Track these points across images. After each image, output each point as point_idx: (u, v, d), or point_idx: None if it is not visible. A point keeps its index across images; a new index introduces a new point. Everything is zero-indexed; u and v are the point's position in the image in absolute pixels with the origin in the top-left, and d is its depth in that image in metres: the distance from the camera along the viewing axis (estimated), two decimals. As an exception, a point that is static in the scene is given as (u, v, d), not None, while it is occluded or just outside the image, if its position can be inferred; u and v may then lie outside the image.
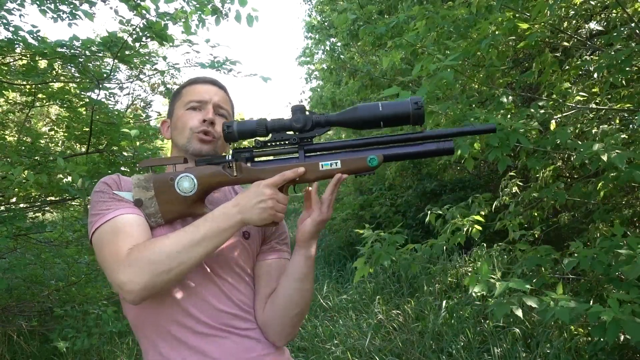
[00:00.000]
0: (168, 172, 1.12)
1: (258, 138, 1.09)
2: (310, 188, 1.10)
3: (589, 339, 2.83)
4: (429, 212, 3.21)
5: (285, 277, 1.15)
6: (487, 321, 3.38)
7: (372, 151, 1.07)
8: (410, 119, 1.03)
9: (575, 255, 2.19)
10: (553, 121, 2.76)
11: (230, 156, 1.10)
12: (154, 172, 1.13)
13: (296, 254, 1.13)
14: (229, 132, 1.07)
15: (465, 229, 2.78)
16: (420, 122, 1.04)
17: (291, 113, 1.07)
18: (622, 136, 2.43)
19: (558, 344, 2.89)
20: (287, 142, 1.09)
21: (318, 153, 1.09)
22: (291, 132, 1.08)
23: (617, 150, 1.98)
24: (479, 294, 1.99)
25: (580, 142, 2.28)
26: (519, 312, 1.87)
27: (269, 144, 1.10)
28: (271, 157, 1.11)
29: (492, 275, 1.96)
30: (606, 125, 2.77)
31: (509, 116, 2.44)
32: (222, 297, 1.12)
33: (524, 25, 2.41)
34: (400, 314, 3.91)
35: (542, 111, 2.51)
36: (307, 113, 1.07)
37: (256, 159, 1.11)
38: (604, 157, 1.94)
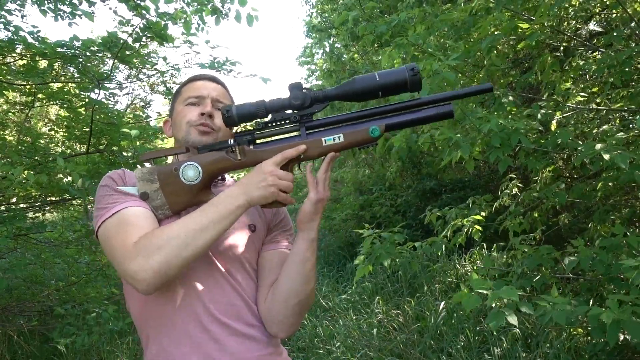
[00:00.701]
0: (172, 163, 1.12)
1: (258, 120, 1.08)
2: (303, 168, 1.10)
3: (589, 339, 2.83)
4: (430, 212, 3.20)
5: (287, 263, 1.14)
6: (490, 319, 3.38)
7: (373, 122, 1.07)
8: (407, 85, 1.03)
9: (576, 255, 2.19)
10: (554, 121, 2.76)
11: (232, 140, 1.10)
12: (157, 164, 1.13)
13: (297, 237, 1.13)
14: (228, 117, 1.07)
15: (465, 230, 2.77)
16: (418, 89, 1.04)
17: (289, 91, 1.07)
18: (623, 136, 2.43)
19: (558, 344, 2.89)
20: (287, 121, 1.08)
21: (320, 129, 1.09)
22: (291, 111, 1.08)
23: (619, 150, 1.97)
24: (470, 310, 1.98)
25: (581, 143, 2.28)
26: (514, 321, 1.87)
27: (269, 125, 1.09)
28: (273, 138, 1.11)
29: (484, 286, 1.93)
30: (607, 126, 2.77)
31: (509, 117, 2.43)
32: (230, 289, 1.12)
33: (525, 25, 2.41)
34: (400, 314, 3.91)
35: (542, 111, 2.51)
36: (305, 90, 1.07)
37: (258, 141, 1.10)
38: (607, 157, 1.93)
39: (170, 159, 1.29)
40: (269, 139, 1.11)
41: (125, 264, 0.96)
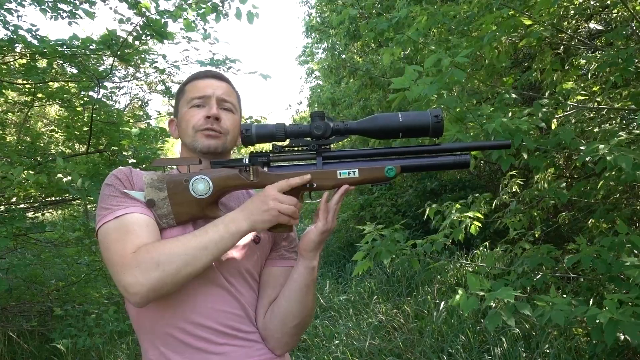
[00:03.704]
0: (182, 173, 1.10)
1: (276, 143, 1.08)
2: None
3: (589, 339, 2.83)
4: (428, 206, 3.19)
5: (286, 287, 1.14)
6: (487, 321, 3.38)
7: (389, 161, 1.07)
8: (429, 131, 1.04)
9: (577, 253, 2.18)
10: (555, 120, 2.75)
11: (247, 160, 1.09)
12: (167, 172, 1.11)
13: (299, 264, 1.12)
14: (247, 136, 1.05)
15: (464, 225, 2.76)
16: (439, 135, 1.05)
17: (310, 119, 1.07)
18: (624, 137, 2.42)
19: (558, 344, 2.89)
20: (305, 148, 1.08)
21: (336, 161, 1.08)
22: (309, 139, 1.07)
23: (622, 152, 1.95)
24: (467, 312, 1.98)
25: (582, 142, 2.26)
26: (512, 322, 1.86)
27: (286, 149, 1.08)
28: (289, 163, 1.10)
29: (481, 287, 1.92)
30: (608, 125, 2.76)
31: (509, 114, 2.42)
32: (230, 299, 1.10)
33: (528, 21, 2.39)
34: (400, 314, 3.91)
35: (544, 109, 2.49)
36: (326, 119, 1.06)
37: (273, 164, 1.10)
38: (609, 158, 1.91)
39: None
40: (284, 164, 1.10)
41: (121, 275, 0.95)
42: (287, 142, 1.08)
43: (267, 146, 1.14)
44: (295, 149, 1.08)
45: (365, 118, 1.07)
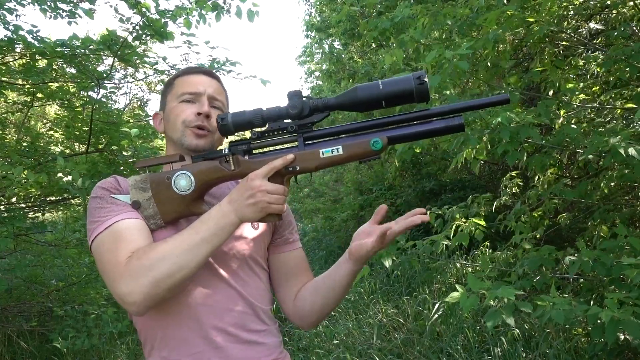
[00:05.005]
0: (165, 171, 1.08)
1: (255, 129, 1.04)
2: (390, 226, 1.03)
3: (589, 339, 2.83)
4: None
5: (325, 285, 1.15)
6: (486, 318, 3.38)
7: (375, 134, 1.00)
8: (413, 96, 0.95)
9: (577, 255, 2.18)
10: (559, 120, 2.74)
11: (227, 150, 1.05)
12: (151, 172, 1.09)
13: (343, 266, 1.11)
14: (223, 125, 1.02)
15: (468, 230, 2.75)
16: (425, 99, 0.96)
17: (287, 99, 1.01)
18: (630, 131, 2.41)
19: (558, 344, 2.89)
20: (285, 130, 1.02)
21: (319, 140, 1.03)
22: (289, 120, 1.02)
23: (630, 142, 1.91)
24: (467, 312, 1.98)
25: (586, 140, 2.25)
26: (511, 321, 1.86)
27: (266, 134, 1.04)
28: (270, 148, 1.06)
29: (481, 286, 1.91)
30: (612, 123, 2.75)
31: (509, 114, 2.41)
32: (234, 295, 1.09)
33: (531, 18, 2.37)
34: (400, 314, 3.91)
35: (548, 107, 2.48)
36: (304, 98, 1.01)
37: (254, 151, 1.05)
38: (621, 151, 1.86)
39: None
40: (266, 150, 1.05)
41: (116, 286, 0.93)
42: (266, 127, 1.04)
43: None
44: (275, 133, 1.03)
45: (345, 91, 1.01)
